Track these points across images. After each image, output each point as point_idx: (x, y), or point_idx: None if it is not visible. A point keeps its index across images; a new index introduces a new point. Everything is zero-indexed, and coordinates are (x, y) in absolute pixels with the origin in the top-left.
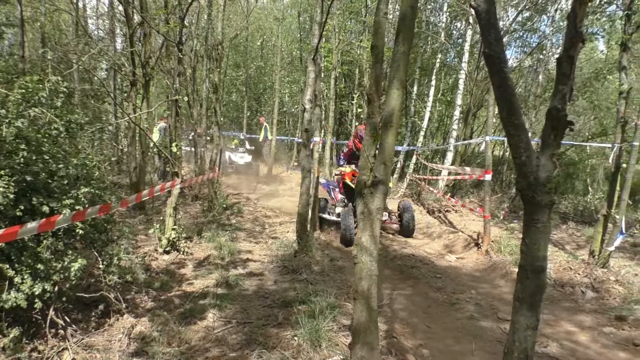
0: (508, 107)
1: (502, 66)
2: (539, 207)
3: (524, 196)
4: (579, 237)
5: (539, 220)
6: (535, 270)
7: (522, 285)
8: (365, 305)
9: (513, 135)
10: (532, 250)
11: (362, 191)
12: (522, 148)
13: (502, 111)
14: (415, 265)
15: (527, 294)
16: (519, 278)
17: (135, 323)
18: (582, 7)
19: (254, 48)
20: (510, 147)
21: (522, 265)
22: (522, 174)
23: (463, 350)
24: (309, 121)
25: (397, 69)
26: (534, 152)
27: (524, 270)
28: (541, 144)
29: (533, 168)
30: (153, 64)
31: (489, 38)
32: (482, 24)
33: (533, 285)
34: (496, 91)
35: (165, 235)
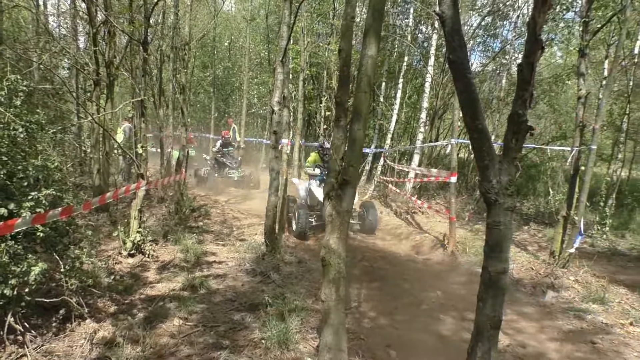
0: (472, 112)
1: (465, 72)
2: (501, 210)
3: (486, 199)
4: (540, 238)
5: (501, 222)
6: (498, 272)
7: (485, 286)
8: (333, 308)
9: (476, 139)
10: (495, 252)
11: (330, 193)
12: (485, 152)
13: (466, 116)
14: (383, 266)
15: (489, 295)
16: (482, 279)
17: (98, 328)
18: (542, 15)
19: (221, 48)
20: (473, 150)
21: (485, 266)
22: (484, 177)
23: (429, 350)
24: (277, 123)
25: (365, 73)
26: (496, 155)
27: (487, 272)
28: (503, 148)
29: (495, 171)
30: (117, 63)
31: (453, 44)
32: (447, 30)
33: (495, 286)
34: (460, 96)
35: (130, 238)
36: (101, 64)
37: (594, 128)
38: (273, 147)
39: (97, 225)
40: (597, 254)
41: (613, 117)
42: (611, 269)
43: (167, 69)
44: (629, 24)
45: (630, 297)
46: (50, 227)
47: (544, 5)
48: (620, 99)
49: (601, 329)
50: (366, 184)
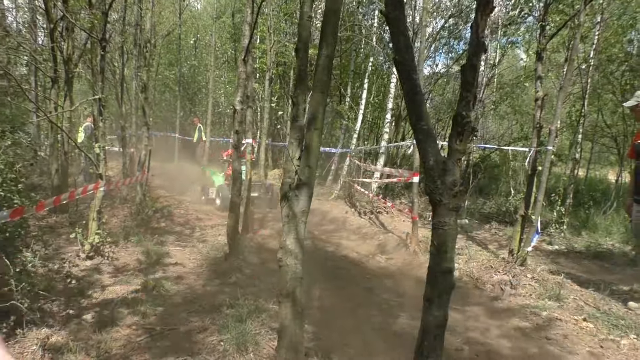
0: (417, 113)
1: (411, 73)
2: (445, 210)
3: (431, 199)
4: (500, 237)
5: (446, 222)
6: (443, 271)
7: (431, 286)
8: (290, 308)
9: (422, 140)
10: (440, 252)
11: (287, 194)
12: (430, 153)
13: (412, 117)
14: (346, 266)
15: (435, 295)
16: (428, 279)
17: (51, 333)
18: (484, 18)
19: (187, 46)
20: (419, 151)
21: (431, 266)
22: (430, 178)
23: (387, 348)
24: (240, 122)
25: (321, 72)
26: (441, 156)
27: (433, 272)
28: (448, 149)
29: (440, 172)
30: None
31: (399, 45)
32: (393, 31)
33: (442, 285)
34: (406, 97)
35: (89, 240)
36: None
37: (551, 129)
38: (235, 147)
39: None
40: (555, 252)
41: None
42: (567, 267)
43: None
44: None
45: (584, 294)
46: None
47: (486, 8)
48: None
49: (556, 324)
50: (332, 184)
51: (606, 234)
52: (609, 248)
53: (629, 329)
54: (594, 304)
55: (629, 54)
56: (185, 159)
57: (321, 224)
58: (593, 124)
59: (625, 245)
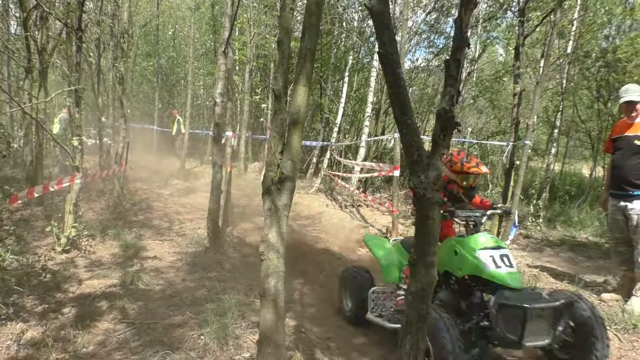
0: (401, 107)
1: (395, 67)
2: (429, 204)
3: (415, 193)
4: None
5: (430, 216)
6: (426, 265)
7: (414, 279)
8: (271, 303)
9: (406, 134)
10: (423, 245)
11: (269, 188)
12: (414, 147)
13: (396, 111)
14: (326, 259)
15: (419, 288)
16: (411, 272)
17: (26, 328)
18: (467, 13)
19: (165, 38)
20: (403, 146)
21: (414, 260)
22: (413, 172)
23: (367, 341)
24: (220, 115)
25: (303, 66)
26: (425, 151)
27: (416, 265)
28: (431, 144)
29: (424, 167)
30: (51, 50)
31: (383, 38)
32: (376, 24)
33: (424, 279)
34: (390, 91)
35: (65, 233)
36: (33, 50)
37: (528, 124)
38: (215, 140)
39: (29, 219)
40: (531, 245)
41: (548, 114)
42: (543, 259)
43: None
44: (559, 25)
45: (559, 286)
46: None
47: (469, 3)
48: (555, 97)
49: None
50: (313, 177)
51: (580, 227)
52: (583, 241)
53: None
54: None
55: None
56: (164, 152)
57: (302, 217)
58: (568, 119)
59: (599, 238)
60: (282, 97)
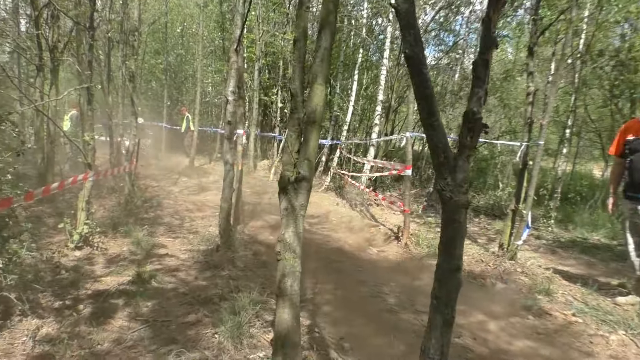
0: (427, 108)
1: (422, 67)
2: (456, 207)
3: (441, 196)
4: (489, 231)
5: (456, 219)
6: (452, 269)
7: (439, 283)
8: (288, 303)
9: (432, 136)
10: (449, 249)
11: (286, 187)
12: (440, 149)
13: (422, 112)
14: (338, 259)
15: (444, 292)
16: (436, 276)
17: (41, 324)
18: (496, 12)
19: (174, 35)
20: (429, 147)
21: (439, 263)
22: (440, 175)
23: (382, 342)
24: (232, 113)
25: (321, 64)
26: (451, 153)
27: (441, 269)
28: (458, 146)
29: (451, 169)
30: (62, 48)
31: (409, 38)
32: (402, 24)
33: (450, 283)
34: (416, 91)
35: (77, 230)
36: (44, 48)
37: (542, 124)
38: (227, 138)
39: (41, 216)
40: (543, 246)
41: (559, 113)
42: (555, 261)
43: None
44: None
45: (572, 289)
46: None
47: (498, 2)
48: (566, 96)
49: (546, 319)
50: (322, 176)
51: (592, 229)
52: (594, 243)
53: (618, 324)
54: (582, 299)
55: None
56: (173, 149)
57: (312, 215)
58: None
59: (610, 240)
60: (299, 96)
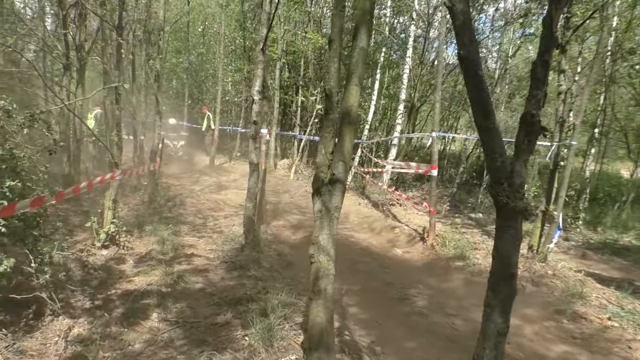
0: (483, 111)
1: (477, 69)
2: (512, 213)
3: (497, 201)
4: None
5: (511, 226)
6: (507, 277)
7: (493, 292)
8: (322, 306)
9: (488, 140)
10: (504, 256)
11: (320, 189)
12: (497, 153)
13: (477, 115)
14: (363, 259)
15: (498, 301)
16: (490, 285)
17: (72, 325)
18: (558, 11)
19: (195, 34)
20: (484, 152)
21: (493, 271)
22: (496, 179)
23: (414, 346)
24: (257, 113)
25: (356, 65)
26: (508, 157)
27: (496, 277)
28: (515, 149)
29: (507, 174)
30: (89, 47)
31: (464, 39)
32: (457, 24)
33: (505, 292)
34: (470, 94)
35: (104, 229)
36: (71, 47)
37: (575, 124)
38: (253, 138)
39: (66, 215)
40: (572, 248)
41: (586, 113)
42: (586, 263)
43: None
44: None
45: (606, 292)
46: (19, 219)
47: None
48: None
49: (581, 323)
50: None
51: (622, 230)
52: (625, 245)
53: None
54: (617, 302)
55: None
56: (194, 147)
57: None
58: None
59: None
60: (334, 96)
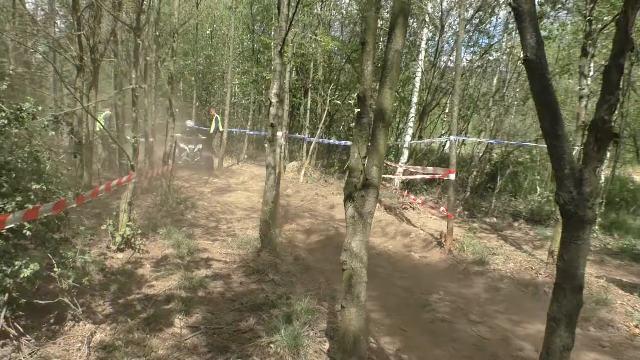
0: (551, 117)
1: (544, 72)
2: (580, 223)
3: (564, 211)
4: (533, 237)
5: (580, 236)
6: (574, 289)
7: (559, 304)
8: (355, 314)
9: (556, 146)
10: (571, 267)
11: (353, 194)
12: (565, 160)
13: (544, 120)
14: (379, 264)
15: (564, 314)
16: (555, 296)
17: (94, 330)
18: (634, 11)
19: (203, 36)
20: (551, 159)
21: (559, 283)
22: (563, 188)
23: (441, 354)
24: (274, 116)
25: (390, 68)
26: (577, 164)
27: (562, 289)
28: (584, 156)
29: (576, 181)
30: (102, 49)
31: (530, 41)
32: (522, 25)
33: (571, 304)
34: (537, 99)
35: (119, 232)
36: (85, 49)
37: None
38: (270, 141)
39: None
40: (590, 253)
41: None
42: (606, 269)
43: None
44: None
45: (631, 299)
46: (41, 223)
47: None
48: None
49: (608, 331)
50: None
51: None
52: None
53: None
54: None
55: None
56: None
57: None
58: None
59: None
60: (368, 99)
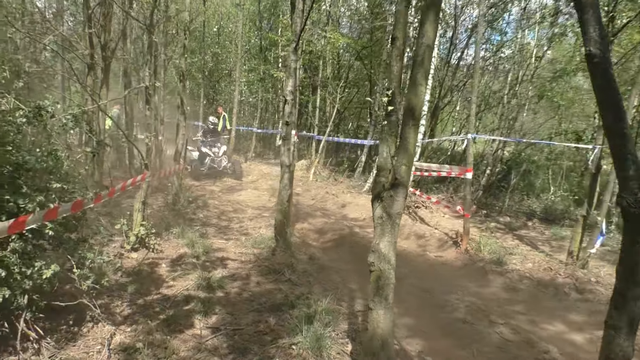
0: (614, 114)
1: (607, 67)
2: None
3: (627, 214)
4: (549, 237)
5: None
6: (636, 295)
7: (618, 311)
8: (382, 316)
9: (619, 145)
10: (633, 273)
11: (381, 194)
12: (629, 160)
13: (607, 118)
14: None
15: (624, 322)
16: (613, 303)
17: (114, 332)
18: None
19: (210, 34)
20: (614, 158)
21: (618, 289)
22: (627, 189)
23: (464, 357)
24: (289, 113)
25: (421, 63)
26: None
27: (621, 295)
28: None
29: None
30: (114, 47)
31: (592, 35)
32: (585, 18)
33: (632, 312)
34: (600, 95)
35: (133, 231)
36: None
37: None
38: (284, 139)
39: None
40: (609, 253)
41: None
42: None
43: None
44: None
45: None
46: (59, 223)
47: None
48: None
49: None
50: (361, 176)
51: None
52: None
53: None
54: None
55: None
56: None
57: (356, 219)
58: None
59: None
60: (397, 96)
